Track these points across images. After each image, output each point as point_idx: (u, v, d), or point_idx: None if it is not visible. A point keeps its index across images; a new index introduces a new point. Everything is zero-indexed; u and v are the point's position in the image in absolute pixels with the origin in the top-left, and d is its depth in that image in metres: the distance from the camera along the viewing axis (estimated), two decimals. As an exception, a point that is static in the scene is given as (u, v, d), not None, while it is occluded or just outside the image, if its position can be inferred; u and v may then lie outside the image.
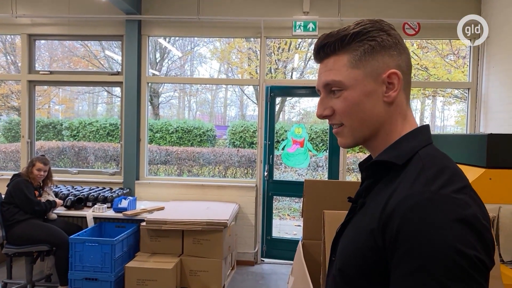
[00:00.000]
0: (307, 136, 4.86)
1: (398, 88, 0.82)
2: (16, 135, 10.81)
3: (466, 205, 0.68)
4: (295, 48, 10.75)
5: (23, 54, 4.97)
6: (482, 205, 0.72)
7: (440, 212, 0.66)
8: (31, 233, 3.66)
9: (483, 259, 0.65)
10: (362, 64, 0.83)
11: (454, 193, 0.68)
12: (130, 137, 4.77)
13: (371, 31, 0.83)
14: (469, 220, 0.66)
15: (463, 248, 0.63)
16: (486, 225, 0.68)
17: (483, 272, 0.65)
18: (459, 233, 0.64)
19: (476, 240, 0.65)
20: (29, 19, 4.85)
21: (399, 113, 0.84)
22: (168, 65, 12.31)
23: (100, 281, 3.56)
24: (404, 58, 0.85)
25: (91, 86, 6.88)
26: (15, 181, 3.77)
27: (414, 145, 0.80)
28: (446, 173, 0.72)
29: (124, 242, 3.79)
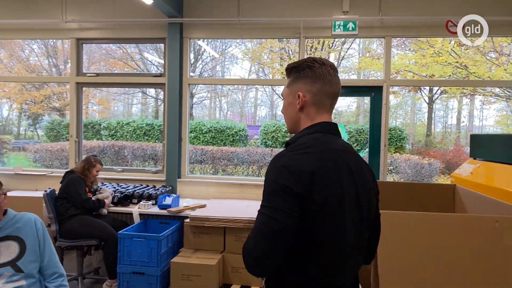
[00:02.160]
0: (347, 136, 4.85)
1: (302, 103, 1.36)
2: (57, 134, 11.31)
3: (293, 159, 1.22)
4: (328, 47, 10.70)
5: (72, 57, 5.21)
6: (314, 157, 1.23)
7: (276, 161, 1.24)
8: (82, 228, 3.84)
9: (289, 186, 1.17)
10: (290, 86, 1.40)
11: (291, 153, 1.25)
12: (172, 137, 4.91)
13: (299, 67, 1.37)
14: (287, 166, 1.20)
15: (277, 179, 1.19)
16: (299, 170, 1.18)
17: (287, 193, 1.17)
18: (279, 172, 1.20)
19: (288, 176, 1.18)
20: (77, 24, 5.09)
21: (307, 116, 1.37)
22: (202, 67, 12.52)
23: (146, 275, 3.70)
24: (317, 85, 1.35)
25: (134, 88, 7.04)
26: (70, 177, 3.97)
27: (303, 133, 1.35)
28: (299, 145, 1.28)
29: (169, 238, 3.92)
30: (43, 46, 12.57)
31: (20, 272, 1.85)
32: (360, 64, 11.30)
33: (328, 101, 1.37)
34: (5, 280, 1.80)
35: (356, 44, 11.65)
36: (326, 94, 1.36)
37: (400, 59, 10.31)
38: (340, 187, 1.24)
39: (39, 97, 12.53)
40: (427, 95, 12.49)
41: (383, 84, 4.63)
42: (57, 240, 3.84)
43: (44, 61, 13.14)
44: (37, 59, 12.94)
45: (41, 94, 12.41)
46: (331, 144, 1.30)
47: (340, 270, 1.28)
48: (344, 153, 1.31)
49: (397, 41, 10.05)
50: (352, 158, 1.33)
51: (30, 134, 14.22)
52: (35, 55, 12.88)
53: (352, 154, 1.35)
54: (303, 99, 1.35)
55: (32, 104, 12.96)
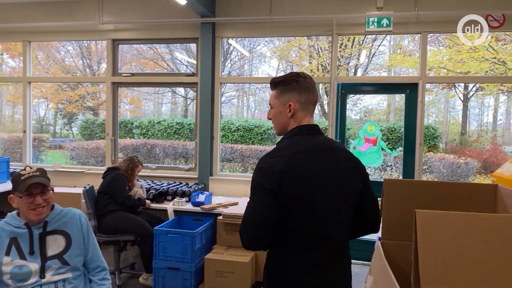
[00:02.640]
0: (380, 134, 4.76)
1: (293, 111, 1.61)
2: (91, 133, 11.66)
3: (266, 162, 1.50)
4: (358, 44, 10.54)
5: (108, 58, 5.36)
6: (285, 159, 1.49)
7: (257, 164, 1.55)
8: (120, 223, 3.95)
9: (263, 183, 1.46)
10: (279, 97, 1.64)
11: (267, 157, 1.53)
12: (204, 135, 4.97)
13: (287, 81, 1.62)
14: (262, 167, 1.49)
15: (255, 178, 1.50)
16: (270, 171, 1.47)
17: (263, 189, 1.46)
18: (257, 173, 1.50)
19: (262, 176, 1.48)
20: (113, 25, 5.23)
21: (295, 122, 1.62)
22: (231, 66, 12.59)
23: (181, 271, 3.77)
24: (304, 95, 1.61)
25: (167, 87, 7.17)
26: (115, 173, 4.08)
27: (284, 137, 1.63)
28: (275, 150, 1.56)
29: (203, 235, 3.97)
30: (77, 47, 12.98)
31: (67, 265, 1.91)
32: (391, 62, 11.06)
33: (312, 107, 1.66)
34: (53, 272, 1.87)
35: (387, 41, 11.42)
36: (311, 102, 1.65)
37: (433, 55, 10.02)
38: (308, 180, 1.50)
39: (74, 97, 12.95)
40: (461, 92, 12.08)
41: (418, 81, 4.52)
42: (95, 235, 3.96)
43: (78, 62, 13.57)
44: (72, 60, 13.37)
45: (76, 94, 12.82)
46: (304, 144, 1.57)
47: (319, 248, 1.54)
48: (319, 149, 1.57)
49: (430, 37, 9.79)
50: (328, 151, 1.59)
51: (65, 133, 14.73)
52: (70, 56, 13.31)
53: (327, 149, 1.59)
54: (294, 107, 1.62)
55: (68, 104, 13.40)
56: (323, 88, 11.83)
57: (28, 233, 1.87)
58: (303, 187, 1.50)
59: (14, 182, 1.86)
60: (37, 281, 1.83)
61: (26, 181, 1.83)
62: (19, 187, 1.82)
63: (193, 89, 10.91)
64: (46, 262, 1.87)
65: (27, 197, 1.82)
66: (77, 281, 1.96)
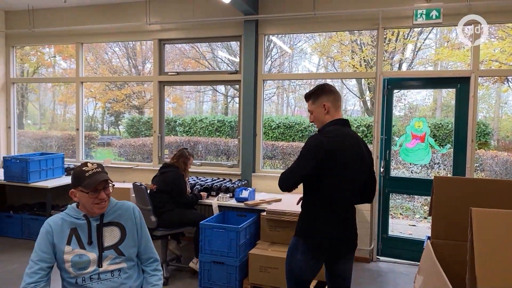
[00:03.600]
0: (429, 130, 4.59)
1: (327, 109, 2.30)
2: (137, 131, 12.08)
3: (318, 140, 2.21)
4: (403, 38, 10.20)
5: (155, 58, 5.53)
6: (334, 141, 2.21)
7: (309, 138, 2.25)
8: (181, 217, 4.16)
9: (312, 154, 2.20)
10: (315, 102, 2.35)
11: (318, 135, 2.26)
12: (247, 132, 5.01)
13: (317, 91, 2.36)
14: (314, 143, 2.23)
15: (309, 148, 2.22)
16: (318, 146, 2.19)
17: (311, 158, 2.19)
18: (310, 144, 2.22)
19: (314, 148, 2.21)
20: (159, 25, 5.39)
21: (330, 116, 2.31)
22: (271, 63, 12.60)
23: (226, 265, 3.83)
24: (331, 97, 2.32)
25: (212, 85, 7.31)
26: (175, 172, 4.20)
27: (327, 125, 2.29)
28: (323, 132, 2.26)
29: (247, 230, 4.01)
30: (124, 48, 13.46)
31: (122, 255, 2.00)
32: (438, 55, 10.61)
33: (339, 104, 2.37)
34: (109, 261, 1.96)
35: (433, 34, 10.96)
36: (337, 101, 2.36)
37: (484, 47, 9.51)
38: (342, 158, 2.24)
39: (121, 96, 13.45)
40: (515, 86, 11.38)
41: (470, 75, 4.32)
42: (157, 230, 4.10)
43: (124, 62, 14.07)
44: (119, 61, 13.89)
45: (122, 93, 13.31)
46: (341, 131, 2.30)
47: (339, 210, 2.30)
48: (348, 136, 2.31)
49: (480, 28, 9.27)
50: (353, 138, 2.34)
51: (112, 131, 15.34)
52: (117, 56, 13.84)
53: (353, 136, 2.35)
54: (327, 106, 2.33)
55: (114, 103, 13.94)
56: (365, 84, 11.57)
57: (86, 224, 1.97)
58: (339, 162, 2.23)
59: (78, 178, 1.93)
60: (95, 269, 1.93)
61: (93, 177, 1.92)
62: (85, 182, 1.90)
63: (234, 87, 11.01)
64: (103, 252, 1.96)
65: (93, 193, 1.90)
66: (131, 271, 2.04)
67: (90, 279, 1.91)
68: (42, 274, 1.85)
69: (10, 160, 5.24)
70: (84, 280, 1.91)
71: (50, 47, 11.16)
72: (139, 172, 5.48)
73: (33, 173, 5.18)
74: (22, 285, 1.82)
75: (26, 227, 5.42)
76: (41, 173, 5.32)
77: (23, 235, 5.42)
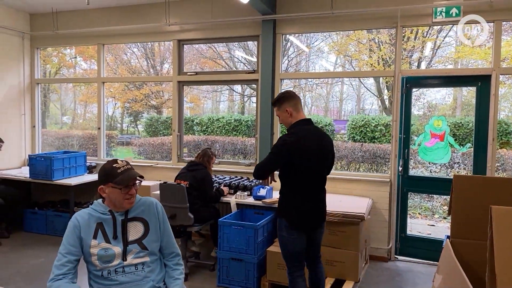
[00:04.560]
0: (448, 129, 4.55)
1: (290, 113, 2.81)
2: (155, 130, 12.25)
3: (285, 140, 2.73)
4: (422, 36, 10.07)
5: (174, 58, 5.63)
6: (300, 140, 2.72)
7: (279, 139, 2.80)
8: (210, 212, 4.34)
9: (281, 152, 2.73)
10: (280, 108, 2.87)
11: (286, 136, 2.77)
12: (265, 131, 5.05)
13: (280, 99, 2.87)
14: (283, 142, 2.73)
15: (278, 147, 2.74)
16: (285, 145, 2.71)
17: (280, 155, 2.73)
18: (278, 144, 2.77)
19: (281, 147, 2.72)
20: (178, 26, 5.48)
21: (294, 118, 2.82)
22: (288, 62, 12.60)
23: (244, 262, 3.88)
24: (292, 102, 2.83)
25: (229, 85, 7.38)
26: (204, 171, 4.34)
27: (292, 126, 2.82)
28: (289, 133, 2.80)
29: (265, 228, 4.05)
30: (142, 48, 13.67)
31: (145, 249, 2.06)
32: (458, 53, 10.44)
33: (299, 107, 2.86)
34: (133, 255, 2.03)
35: (453, 32, 10.78)
36: (297, 105, 2.85)
37: (506, 45, 9.32)
38: (308, 148, 2.74)
39: (140, 96, 13.66)
40: (538, 84, 11.10)
41: (491, 73, 4.26)
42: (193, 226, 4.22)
43: (143, 62, 14.29)
44: (137, 61, 14.10)
45: (141, 93, 13.52)
46: (304, 129, 2.80)
47: (310, 192, 2.85)
48: (310, 132, 2.81)
49: (503, 25, 9.08)
50: (316, 133, 2.84)
51: (131, 130, 15.59)
52: (136, 57, 14.06)
53: (317, 132, 2.87)
54: (290, 110, 2.82)
55: (133, 103, 14.17)
56: (383, 83, 11.46)
57: (112, 219, 2.04)
58: (305, 157, 2.73)
59: (109, 174, 1.99)
60: (120, 263, 1.99)
61: (125, 173, 1.99)
62: (117, 179, 1.97)
63: (251, 86, 11.07)
64: (127, 246, 2.02)
65: (125, 189, 1.98)
66: (154, 264, 2.11)
67: (115, 272, 1.98)
68: (70, 266, 1.93)
69: (35, 158, 5.41)
70: (110, 273, 1.98)
71: (71, 48, 11.43)
72: (159, 170, 5.59)
73: (57, 171, 5.34)
74: (51, 277, 1.89)
75: (50, 223, 5.59)
76: (65, 171, 5.48)
77: (47, 231, 5.59)
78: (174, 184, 4.18)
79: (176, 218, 4.11)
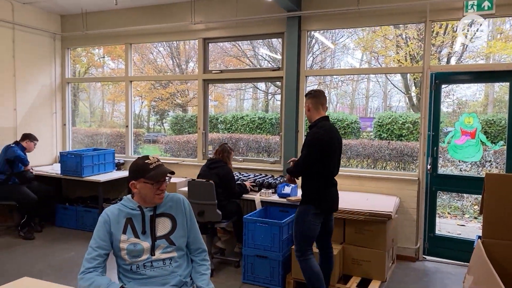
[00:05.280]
0: (480, 126, 4.40)
1: (308, 108, 3.27)
2: (181, 128, 12.41)
3: (318, 133, 3.11)
4: (452, 31, 9.78)
5: (199, 57, 5.68)
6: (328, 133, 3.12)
7: (310, 134, 3.17)
8: (236, 208, 4.41)
9: (316, 145, 3.08)
10: (305, 102, 3.34)
11: (316, 130, 3.15)
12: (289, 128, 5.03)
13: (308, 94, 3.33)
14: (315, 136, 3.11)
15: (312, 140, 3.11)
16: (320, 138, 3.08)
17: (315, 149, 3.08)
18: (311, 137, 3.14)
19: (319, 137, 3.09)
20: (204, 24, 5.52)
21: (316, 113, 3.24)
22: (313, 59, 12.49)
23: (269, 259, 3.88)
24: (314, 100, 3.25)
25: (254, 82, 7.41)
26: (226, 168, 4.38)
27: (316, 121, 3.20)
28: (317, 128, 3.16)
29: (290, 225, 4.04)
30: (168, 47, 13.86)
31: (173, 244, 2.09)
32: (490, 48, 10.08)
33: (320, 106, 3.23)
34: (161, 250, 2.06)
35: (485, 26, 10.40)
36: (319, 104, 3.24)
37: (542, 39, 8.93)
38: (331, 140, 3.12)
39: (165, 95, 13.87)
40: None
41: (527, 68, 4.09)
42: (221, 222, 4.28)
43: (168, 61, 14.48)
44: (163, 60, 14.31)
45: (167, 92, 13.72)
46: (327, 124, 3.18)
47: (330, 178, 3.23)
48: (332, 126, 3.22)
49: (538, 18, 8.69)
50: (333, 128, 3.23)
51: (158, 128, 15.85)
52: (162, 56, 14.26)
53: (333, 127, 3.24)
54: (310, 107, 3.25)
55: (159, 101, 14.39)
56: (411, 79, 11.20)
57: (141, 214, 2.08)
58: (330, 148, 3.11)
59: (142, 170, 2.02)
60: (148, 257, 2.03)
61: (157, 169, 2.03)
62: (149, 174, 2.00)
63: (275, 84, 11.04)
64: (155, 241, 2.05)
65: (156, 184, 2.02)
66: (181, 260, 2.13)
67: (144, 266, 2.02)
68: (100, 260, 1.98)
69: (66, 155, 5.59)
70: (138, 267, 2.01)
71: (100, 48, 11.72)
72: (185, 168, 5.66)
73: (86, 168, 5.50)
74: (82, 269, 1.95)
75: (80, 218, 5.76)
76: (94, 167, 5.63)
77: (77, 226, 5.76)
78: (202, 181, 4.21)
79: (205, 214, 4.15)
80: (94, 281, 1.89)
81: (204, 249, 2.27)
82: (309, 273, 3.24)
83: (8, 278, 2.22)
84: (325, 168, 3.15)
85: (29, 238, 5.23)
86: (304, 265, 3.25)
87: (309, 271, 3.24)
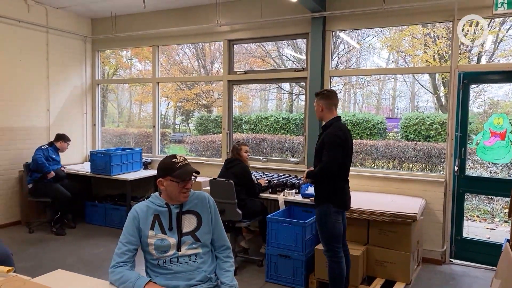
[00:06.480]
0: (510, 127, 4.28)
1: (322, 108, 3.32)
2: (205, 128, 12.56)
3: (338, 134, 3.16)
4: (482, 29, 9.49)
5: (224, 58, 5.76)
6: (344, 134, 3.21)
7: (330, 135, 3.18)
8: (260, 207, 4.44)
9: (339, 143, 3.14)
10: (317, 102, 3.36)
11: (334, 130, 3.20)
12: (313, 129, 5.03)
13: (320, 94, 3.39)
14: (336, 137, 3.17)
15: (335, 141, 3.16)
16: (341, 139, 3.16)
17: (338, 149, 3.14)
18: (333, 139, 3.15)
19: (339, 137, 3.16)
20: (229, 26, 5.60)
21: (329, 113, 3.31)
22: (338, 59, 12.40)
23: (292, 259, 3.90)
24: (328, 101, 3.31)
25: (278, 83, 7.47)
26: (241, 165, 4.45)
27: (331, 121, 3.28)
28: (335, 128, 3.22)
29: (313, 226, 4.04)
30: (193, 49, 14.06)
31: (198, 241, 2.15)
32: (524, 46, 9.73)
33: (333, 107, 3.32)
34: (187, 247, 2.13)
35: (517, 24, 10.06)
36: (332, 105, 3.32)
37: None
38: (347, 139, 3.22)
39: (191, 96, 14.06)
40: None
41: (561, 67, 3.95)
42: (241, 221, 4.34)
43: (194, 63, 14.68)
44: (189, 61, 14.52)
45: (192, 92, 13.92)
46: (341, 124, 3.30)
47: (346, 177, 3.32)
48: (345, 126, 3.35)
49: None
50: (346, 128, 3.34)
51: (183, 128, 16.09)
52: (187, 57, 14.48)
53: (345, 126, 3.35)
54: (322, 107, 3.31)
55: (185, 102, 14.61)
56: (439, 79, 10.95)
57: (168, 211, 2.15)
58: (348, 146, 3.23)
59: (169, 168, 2.10)
60: (174, 253, 2.10)
61: (184, 168, 2.10)
62: (176, 172, 2.07)
63: (300, 85, 11.02)
64: (182, 238, 2.12)
65: (182, 182, 2.09)
66: (206, 256, 2.19)
67: (170, 261, 2.09)
68: (130, 255, 2.06)
69: (96, 154, 5.78)
70: (165, 262, 2.09)
71: (128, 50, 12.02)
72: (210, 167, 5.75)
73: (115, 166, 5.67)
74: (112, 264, 2.03)
75: (109, 216, 5.94)
76: (122, 166, 5.80)
77: (106, 223, 5.95)
78: (222, 180, 4.28)
79: (225, 213, 4.21)
80: (124, 275, 1.97)
81: (228, 246, 2.32)
82: (336, 274, 3.27)
83: (43, 270, 2.35)
84: (342, 168, 3.21)
85: (61, 234, 5.44)
86: (335, 266, 3.27)
87: (337, 273, 3.26)
